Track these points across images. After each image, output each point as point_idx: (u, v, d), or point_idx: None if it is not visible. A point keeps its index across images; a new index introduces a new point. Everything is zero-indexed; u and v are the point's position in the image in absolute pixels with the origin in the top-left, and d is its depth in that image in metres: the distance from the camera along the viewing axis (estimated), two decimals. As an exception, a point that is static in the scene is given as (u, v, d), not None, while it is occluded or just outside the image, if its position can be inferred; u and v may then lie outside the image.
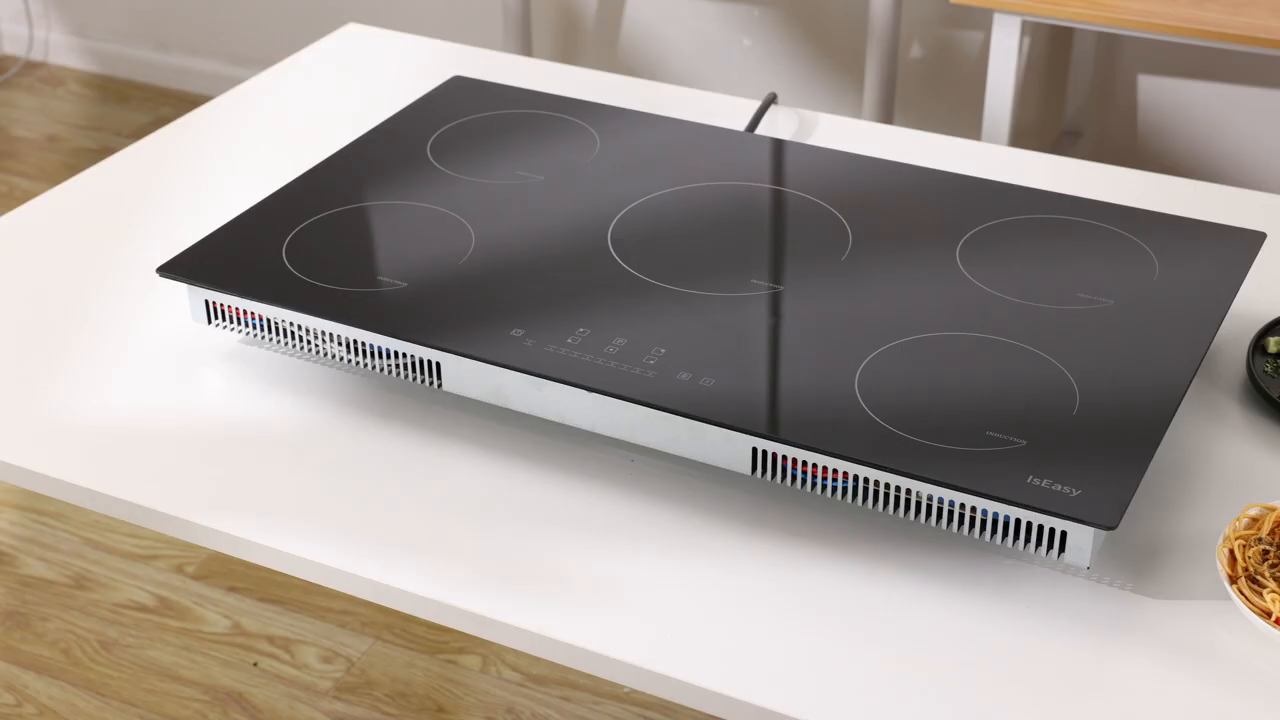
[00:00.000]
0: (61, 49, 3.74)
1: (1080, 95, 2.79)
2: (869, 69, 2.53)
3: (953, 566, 1.07)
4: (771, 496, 1.13)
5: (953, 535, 1.09)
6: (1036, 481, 1.02)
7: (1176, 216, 1.32)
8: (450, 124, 1.50)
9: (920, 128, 2.90)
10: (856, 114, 2.87)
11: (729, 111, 1.65)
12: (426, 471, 1.17)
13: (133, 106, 3.51)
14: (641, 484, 1.15)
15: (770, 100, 1.68)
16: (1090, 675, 0.99)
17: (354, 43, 1.86)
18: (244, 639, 2.06)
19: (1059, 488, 1.02)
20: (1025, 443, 1.06)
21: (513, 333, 1.18)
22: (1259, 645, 1.00)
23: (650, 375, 1.13)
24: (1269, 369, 1.23)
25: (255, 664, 2.02)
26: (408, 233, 1.32)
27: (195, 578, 2.15)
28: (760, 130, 1.64)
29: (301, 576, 1.10)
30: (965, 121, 2.84)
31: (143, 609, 2.11)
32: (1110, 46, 2.75)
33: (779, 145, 1.47)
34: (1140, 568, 1.07)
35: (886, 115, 2.58)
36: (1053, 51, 2.82)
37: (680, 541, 1.11)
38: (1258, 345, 1.25)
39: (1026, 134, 2.88)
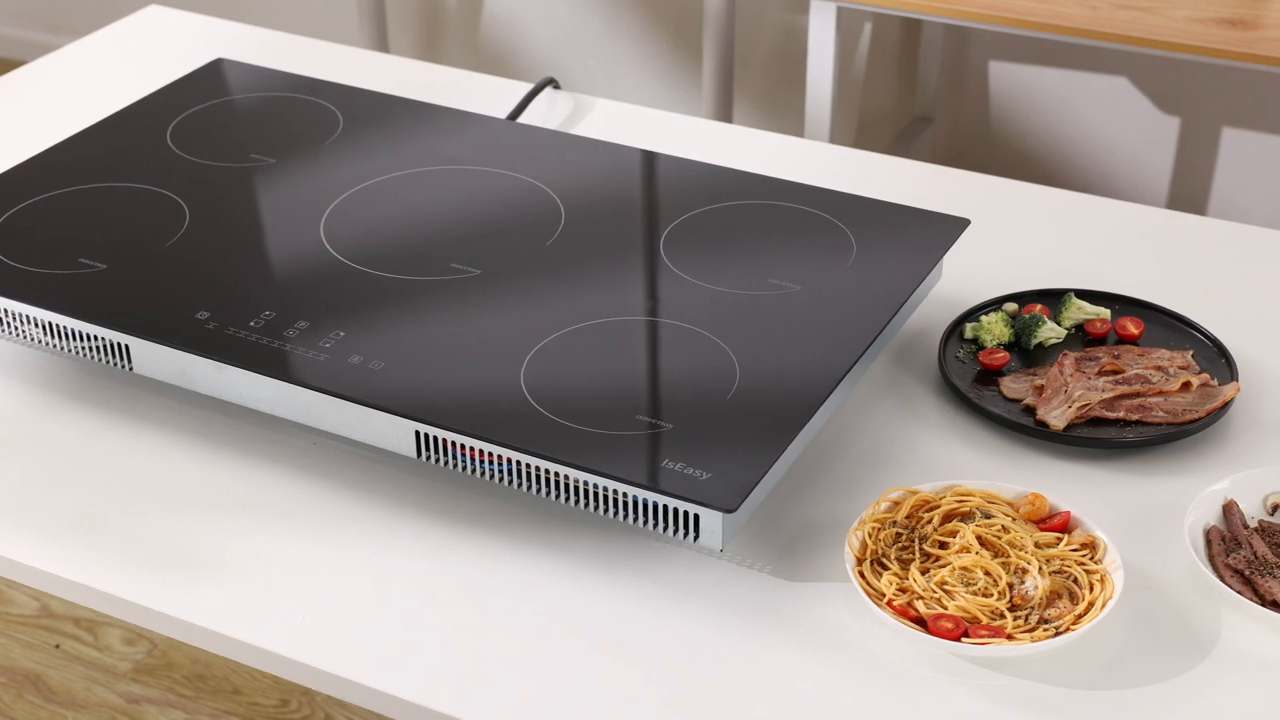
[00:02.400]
0: (-50, 30, 3.73)
1: (932, 81, 2.80)
2: (706, 57, 2.53)
3: (601, 549, 1.08)
4: (441, 480, 1.14)
5: (605, 518, 1.09)
6: (671, 465, 1.03)
7: (888, 203, 1.32)
8: (198, 107, 1.50)
9: (766, 115, 2.91)
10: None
11: (516, 97, 1.65)
12: (111, 455, 1.18)
13: (17, 88, 3.50)
14: (320, 467, 1.16)
15: (543, 85, 1.68)
16: (717, 656, 1.00)
17: (151, 24, 1.86)
18: (50, 621, 2.06)
19: (691, 471, 1.02)
20: (672, 427, 1.07)
21: (198, 315, 1.18)
22: (876, 628, 1.01)
23: (322, 359, 1.14)
24: (960, 354, 1.24)
25: (57, 646, 2.02)
26: (122, 216, 1.32)
27: (10, 560, 2.15)
28: (532, 115, 1.64)
29: (-43, 558, 1.10)
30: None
31: (-48, 591, 2.11)
32: (960, 33, 2.76)
33: (524, 131, 1.48)
34: (788, 551, 1.08)
35: (725, 104, 2.58)
36: (905, 38, 2.82)
37: (346, 525, 1.11)
38: (954, 331, 1.26)
39: (880, 120, 2.89)
